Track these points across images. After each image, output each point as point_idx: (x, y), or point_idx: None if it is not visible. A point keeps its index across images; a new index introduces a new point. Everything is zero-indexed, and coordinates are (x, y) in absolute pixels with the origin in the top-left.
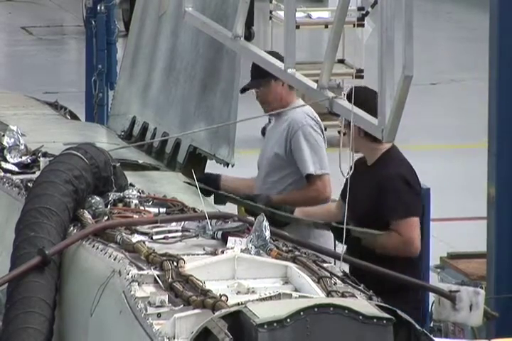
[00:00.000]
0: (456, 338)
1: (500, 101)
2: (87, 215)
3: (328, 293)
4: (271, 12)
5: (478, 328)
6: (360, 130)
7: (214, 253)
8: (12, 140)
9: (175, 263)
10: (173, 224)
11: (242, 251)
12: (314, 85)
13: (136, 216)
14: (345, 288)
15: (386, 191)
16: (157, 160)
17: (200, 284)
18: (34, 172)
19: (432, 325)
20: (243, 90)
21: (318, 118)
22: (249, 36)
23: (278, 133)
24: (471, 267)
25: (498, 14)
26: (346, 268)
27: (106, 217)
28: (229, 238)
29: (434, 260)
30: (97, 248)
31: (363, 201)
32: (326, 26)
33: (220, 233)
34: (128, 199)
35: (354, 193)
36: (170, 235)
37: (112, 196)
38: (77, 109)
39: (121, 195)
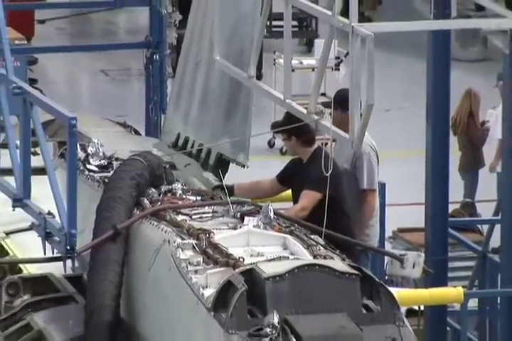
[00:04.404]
0: (403, 287)
1: (434, 123)
2: (146, 201)
3: (314, 257)
4: (274, 60)
5: (418, 280)
6: (297, 140)
7: (234, 228)
8: (94, 149)
9: (207, 235)
10: (206, 207)
11: (254, 226)
12: (304, 111)
13: (180, 202)
14: (326, 252)
15: (314, 174)
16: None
17: (225, 250)
18: (109, 172)
19: (386, 278)
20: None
21: (377, 148)
22: (259, 76)
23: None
24: (414, 238)
25: (432, 67)
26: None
27: (159, 203)
28: (245, 217)
29: (387, 233)
30: (153, 224)
31: (304, 182)
32: (313, 70)
33: (238, 214)
34: (174, 190)
35: (297, 180)
36: (204, 215)
37: (163, 188)
38: (139, 128)
39: (170, 187)
